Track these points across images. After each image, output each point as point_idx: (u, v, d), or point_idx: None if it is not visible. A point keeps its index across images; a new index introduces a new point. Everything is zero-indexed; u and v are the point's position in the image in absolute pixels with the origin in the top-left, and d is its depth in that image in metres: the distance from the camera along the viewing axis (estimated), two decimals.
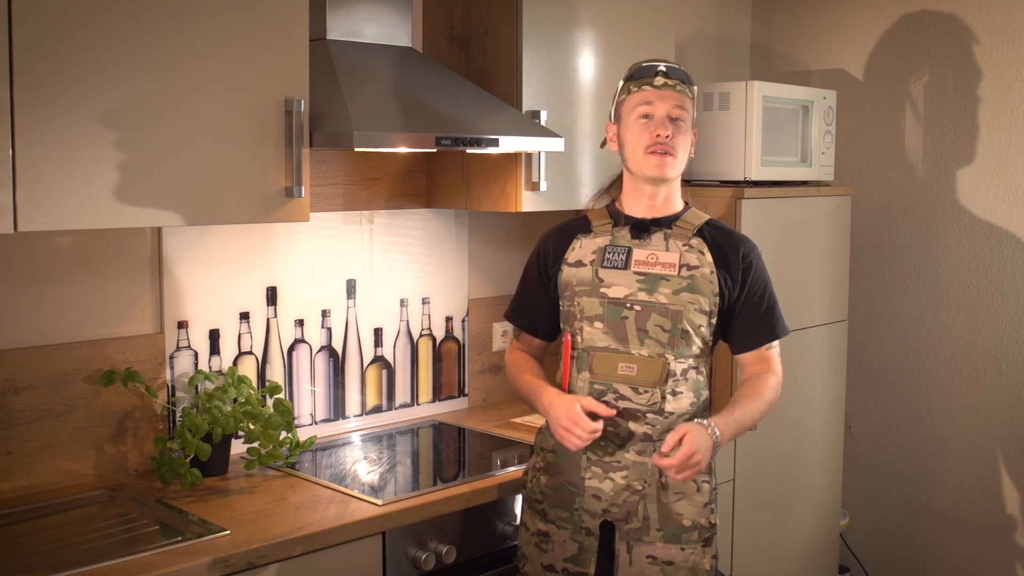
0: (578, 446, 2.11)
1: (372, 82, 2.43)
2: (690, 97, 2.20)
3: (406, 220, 2.91)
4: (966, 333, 3.55)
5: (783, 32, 3.92)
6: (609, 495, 2.16)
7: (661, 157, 2.16)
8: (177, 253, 2.44)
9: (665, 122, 2.15)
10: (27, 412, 2.22)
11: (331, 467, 2.53)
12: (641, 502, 2.15)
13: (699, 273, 2.16)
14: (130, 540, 1.99)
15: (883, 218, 3.71)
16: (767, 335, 2.26)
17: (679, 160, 2.19)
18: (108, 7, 1.88)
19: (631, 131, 2.19)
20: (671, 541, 2.15)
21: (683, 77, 2.19)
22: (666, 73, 2.17)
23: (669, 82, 2.17)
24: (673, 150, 2.16)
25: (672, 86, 2.17)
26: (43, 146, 1.82)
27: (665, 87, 2.16)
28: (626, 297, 2.17)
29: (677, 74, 2.19)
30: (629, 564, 2.16)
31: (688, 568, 2.15)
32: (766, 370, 2.26)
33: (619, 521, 2.17)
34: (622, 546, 2.17)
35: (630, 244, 2.20)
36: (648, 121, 2.17)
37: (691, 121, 2.20)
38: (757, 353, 2.27)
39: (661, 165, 2.16)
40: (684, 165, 2.22)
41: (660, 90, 2.16)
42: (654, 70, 2.18)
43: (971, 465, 3.56)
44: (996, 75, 3.43)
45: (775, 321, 2.27)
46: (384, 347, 2.89)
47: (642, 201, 2.23)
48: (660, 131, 2.14)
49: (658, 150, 2.15)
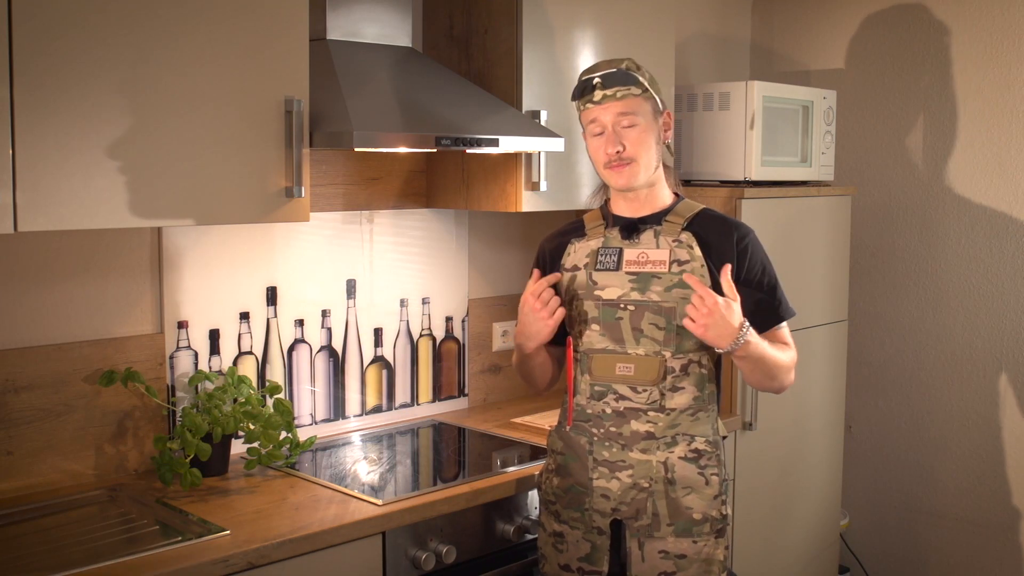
0: (547, 320, 2.16)
1: (372, 82, 2.43)
2: (637, 94, 2.14)
3: (406, 220, 2.91)
4: (966, 333, 3.55)
5: (783, 32, 3.92)
6: (617, 494, 2.17)
7: (618, 169, 2.16)
8: (177, 253, 2.44)
9: (613, 137, 2.14)
10: (27, 412, 2.22)
11: (331, 467, 2.53)
12: (649, 499, 2.16)
13: (690, 268, 2.16)
14: (130, 540, 1.99)
15: (883, 218, 3.71)
16: (771, 318, 2.24)
17: (643, 164, 2.17)
18: (108, 7, 1.88)
19: (589, 147, 2.21)
20: (682, 535, 2.16)
21: (621, 80, 2.13)
22: (602, 83, 2.14)
23: (608, 92, 2.13)
24: (629, 159, 2.15)
25: (612, 95, 2.13)
26: (43, 146, 1.82)
27: (605, 99, 2.14)
28: (619, 298, 2.18)
29: (614, 80, 2.13)
30: (642, 560, 2.17)
31: (702, 560, 2.16)
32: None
33: (629, 519, 2.18)
34: (633, 543, 2.18)
35: (621, 245, 2.21)
36: (600, 137, 2.17)
37: (650, 115, 2.17)
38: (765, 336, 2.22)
39: (620, 176, 2.17)
40: (653, 162, 2.19)
41: (600, 104, 2.14)
42: (591, 84, 2.15)
43: (971, 465, 3.56)
44: (996, 75, 3.43)
45: (778, 303, 2.25)
46: (384, 347, 2.89)
47: (627, 202, 2.24)
48: (609, 148, 2.15)
49: (614, 166, 2.16)
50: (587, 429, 2.22)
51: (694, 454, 2.18)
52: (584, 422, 2.22)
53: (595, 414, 2.20)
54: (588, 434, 2.22)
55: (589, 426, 2.21)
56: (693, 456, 2.17)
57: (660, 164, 2.23)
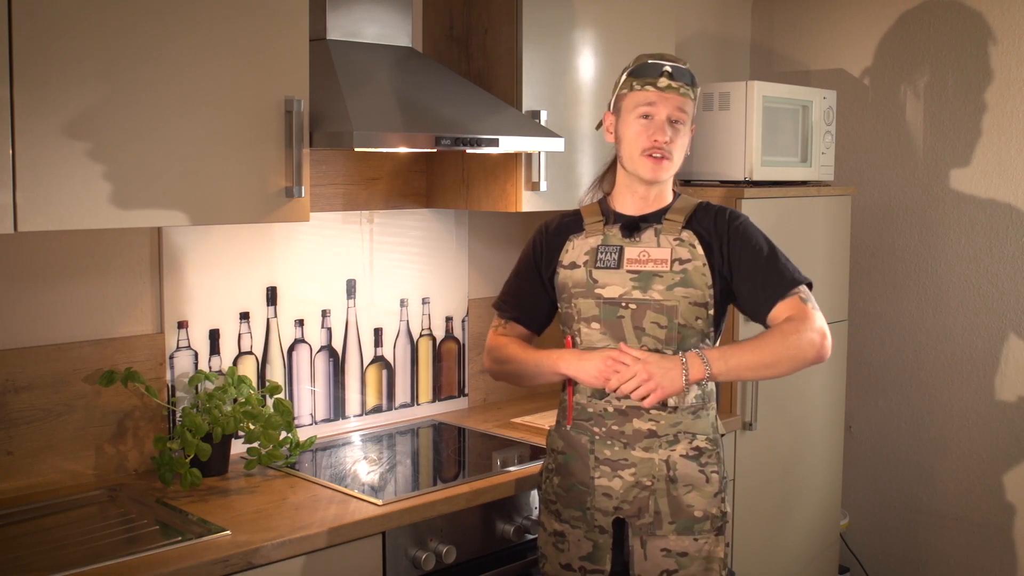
0: (623, 379, 2.09)
1: (372, 82, 2.43)
2: (692, 99, 2.17)
3: (406, 220, 2.91)
4: (966, 333, 3.55)
5: (783, 32, 3.92)
6: (619, 493, 2.17)
7: (657, 161, 2.14)
8: (177, 253, 2.44)
9: (664, 127, 2.13)
10: (27, 412, 2.22)
11: (331, 467, 2.53)
12: (651, 497, 2.16)
13: (692, 266, 2.16)
14: (130, 540, 1.99)
15: (883, 218, 3.71)
16: (780, 289, 2.13)
17: (675, 163, 2.17)
18: (108, 7, 1.88)
19: (630, 129, 2.16)
20: (684, 533, 2.16)
21: (688, 79, 2.15)
22: (671, 74, 2.13)
23: (673, 84, 2.13)
24: (670, 154, 2.15)
25: (676, 88, 2.13)
26: (43, 146, 1.82)
27: (669, 89, 2.13)
28: (621, 296, 2.17)
29: (683, 76, 2.14)
30: (644, 559, 2.17)
31: (703, 558, 2.16)
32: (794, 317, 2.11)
33: (631, 517, 2.18)
34: (636, 542, 2.18)
35: (622, 243, 2.20)
36: (647, 122, 2.14)
37: (691, 121, 2.19)
38: (780, 307, 2.12)
39: (656, 169, 2.15)
40: (679, 165, 2.20)
41: (663, 92, 2.13)
42: (659, 69, 2.13)
43: (971, 465, 3.56)
44: (996, 75, 3.43)
45: (779, 276, 2.15)
46: (384, 347, 2.89)
47: (635, 198, 2.22)
48: (659, 136, 2.12)
49: (655, 154, 2.14)
50: (588, 428, 2.22)
51: (695, 452, 2.18)
52: (585, 421, 2.22)
53: (596, 413, 2.20)
54: (589, 433, 2.22)
55: (590, 425, 2.21)
56: (694, 454, 2.18)
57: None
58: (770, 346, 2.09)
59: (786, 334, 2.08)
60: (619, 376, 2.09)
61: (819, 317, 2.13)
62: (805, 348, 2.09)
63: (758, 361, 2.09)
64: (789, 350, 2.08)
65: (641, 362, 2.08)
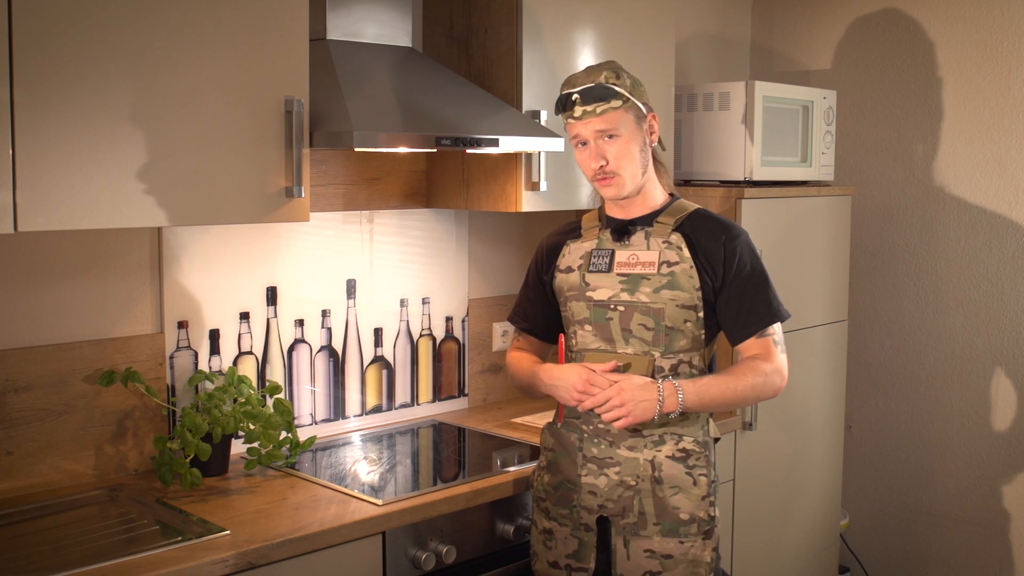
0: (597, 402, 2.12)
1: (372, 82, 2.43)
2: (617, 107, 2.14)
3: (406, 220, 2.91)
4: (966, 333, 3.55)
5: (783, 32, 3.92)
6: (604, 491, 2.18)
7: (606, 183, 2.18)
8: (177, 253, 2.44)
9: (595, 153, 2.16)
10: (27, 412, 2.22)
11: (331, 467, 2.53)
12: (636, 497, 2.16)
13: (679, 269, 2.17)
14: (130, 540, 1.99)
15: (883, 218, 3.71)
16: (758, 321, 2.19)
17: (627, 175, 2.18)
18: (108, 7, 1.88)
19: (576, 158, 2.23)
20: (669, 535, 2.16)
21: (599, 94, 2.13)
22: (581, 99, 2.14)
23: (587, 108, 2.14)
24: (614, 172, 2.17)
25: (592, 111, 2.14)
26: (43, 146, 1.82)
27: (585, 115, 2.15)
28: (609, 299, 2.19)
29: (591, 96, 2.13)
30: (627, 558, 2.17)
31: (688, 561, 2.16)
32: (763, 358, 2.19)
33: (615, 516, 2.18)
34: (619, 541, 2.18)
35: (613, 247, 2.23)
36: (584, 149, 2.19)
37: (632, 125, 2.16)
38: (753, 342, 2.20)
39: (610, 187, 2.19)
40: (639, 171, 2.19)
41: (581, 119, 2.16)
42: (570, 100, 2.16)
43: (971, 465, 3.56)
44: (996, 75, 3.43)
45: (766, 306, 2.19)
46: (384, 347, 2.89)
47: (617, 206, 2.26)
48: (593, 163, 2.17)
49: (598, 176, 2.18)
50: (577, 426, 2.23)
51: (682, 454, 2.18)
52: (574, 419, 2.24)
53: (585, 411, 2.20)
54: (578, 430, 2.23)
55: (579, 423, 2.23)
56: (681, 456, 2.17)
57: (648, 168, 2.23)
58: (741, 392, 2.16)
59: (755, 384, 2.17)
60: (593, 399, 2.12)
61: (783, 359, 2.22)
62: (768, 393, 2.21)
63: (727, 402, 2.17)
64: (754, 393, 2.19)
65: (616, 386, 2.10)
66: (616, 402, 2.09)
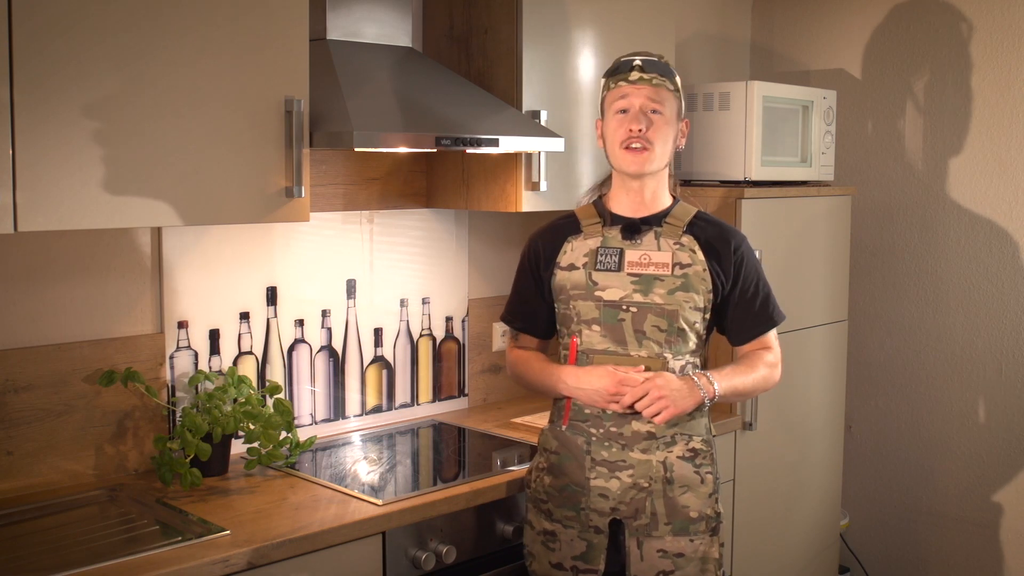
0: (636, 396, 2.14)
1: (372, 82, 2.43)
2: (670, 89, 2.19)
3: (406, 220, 2.91)
4: (966, 333, 3.55)
5: (783, 32, 3.92)
6: (616, 494, 2.18)
7: (636, 153, 2.17)
8: (177, 253, 2.44)
9: (639, 116, 2.16)
10: (27, 412, 2.22)
11: (331, 467, 2.53)
12: (648, 498, 2.16)
13: (692, 271, 2.17)
14: (130, 540, 1.99)
15: (883, 218, 3.71)
16: (764, 325, 2.30)
17: (657, 154, 2.18)
18: (108, 7, 1.88)
19: (609, 126, 2.21)
20: (680, 534, 2.16)
21: (660, 70, 2.19)
22: (641, 67, 2.17)
23: (644, 76, 2.17)
24: (649, 144, 2.16)
25: (648, 80, 2.17)
26: (43, 146, 1.82)
27: (640, 81, 2.17)
28: (621, 299, 2.18)
29: (653, 67, 2.18)
30: (640, 559, 2.17)
31: (699, 558, 2.17)
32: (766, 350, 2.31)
33: (628, 518, 2.18)
34: (632, 542, 2.18)
35: (621, 245, 2.21)
36: (624, 116, 2.18)
37: (674, 113, 2.20)
38: (754, 342, 2.31)
39: (636, 161, 2.18)
40: (666, 158, 2.21)
41: (635, 84, 2.17)
42: (630, 65, 2.19)
43: (971, 465, 3.56)
44: (996, 75, 3.43)
45: (771, 311, 2.30)
46: (384, 347, 2.89)
47: (630, 197, 2.24)
48: (633, 125, 2.16)
49: (632, 144, 2.16)
50: (585, 429, 2.22)
51: (691, 453, 2.18)
52: (582, 422, 2.22)
53: (594, 414, 2.20)
54: (586, 434, 2.22)
55: (587, 426, 2.21)
56: (690, 455, 2.18)
57: (670, 163, 2.25)
58: (753, 382, 2.26)
59: (765, 375, 2.28)
60: (631, 395, 2.12)
61: (779, 352, 2.34)
62: (772, 383, 2.32)
63: (746, 391, 2.28)
64: (764, 384, 2.30)
65: (651, 381, 2.12)
66: (656, 394, 2.10)
